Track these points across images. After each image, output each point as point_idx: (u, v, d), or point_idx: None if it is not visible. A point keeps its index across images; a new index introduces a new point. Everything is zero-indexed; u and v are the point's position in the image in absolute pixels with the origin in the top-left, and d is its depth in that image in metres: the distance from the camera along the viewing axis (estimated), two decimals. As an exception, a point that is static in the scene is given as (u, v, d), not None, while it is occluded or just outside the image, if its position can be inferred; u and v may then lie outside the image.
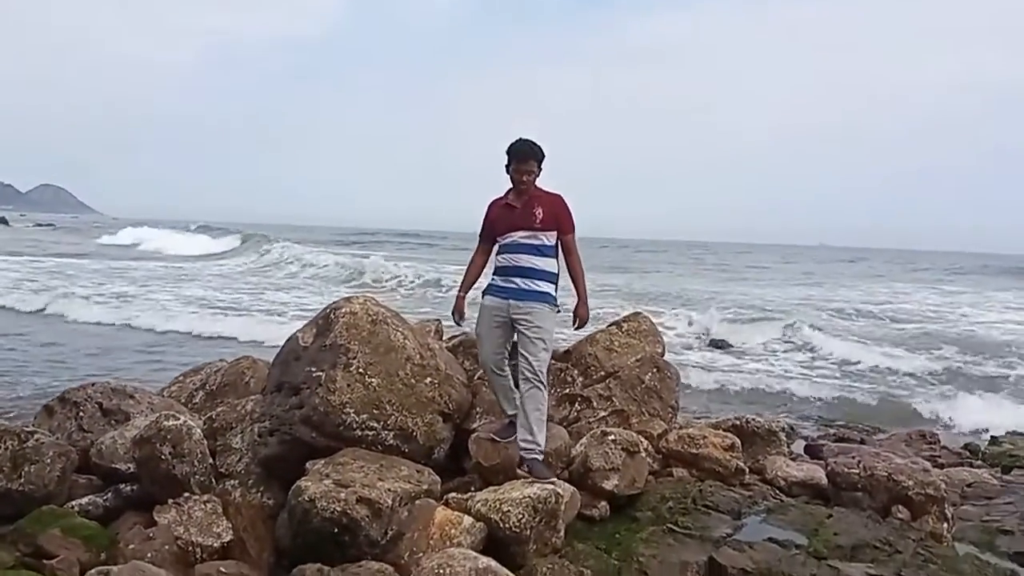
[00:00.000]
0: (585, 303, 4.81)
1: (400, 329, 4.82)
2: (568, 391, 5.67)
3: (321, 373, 4.46)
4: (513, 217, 4.71)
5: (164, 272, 26.98)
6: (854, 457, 5.06)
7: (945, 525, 4.65)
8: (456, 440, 4.88)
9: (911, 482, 4.68)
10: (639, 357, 5.80)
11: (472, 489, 4.48)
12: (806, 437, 7.72)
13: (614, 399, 5.53)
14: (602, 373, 5.73)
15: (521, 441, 4.52)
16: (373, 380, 4.50)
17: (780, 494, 5.03)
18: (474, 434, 4.80)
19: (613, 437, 4.67)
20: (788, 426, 6.66)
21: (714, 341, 14.45)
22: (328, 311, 4.84)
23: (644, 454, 4.83)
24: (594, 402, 5.54)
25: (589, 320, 4.87)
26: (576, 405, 5.59)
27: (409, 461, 4.42)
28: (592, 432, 4.84)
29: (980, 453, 7.72)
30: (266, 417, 4.68)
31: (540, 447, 4.50)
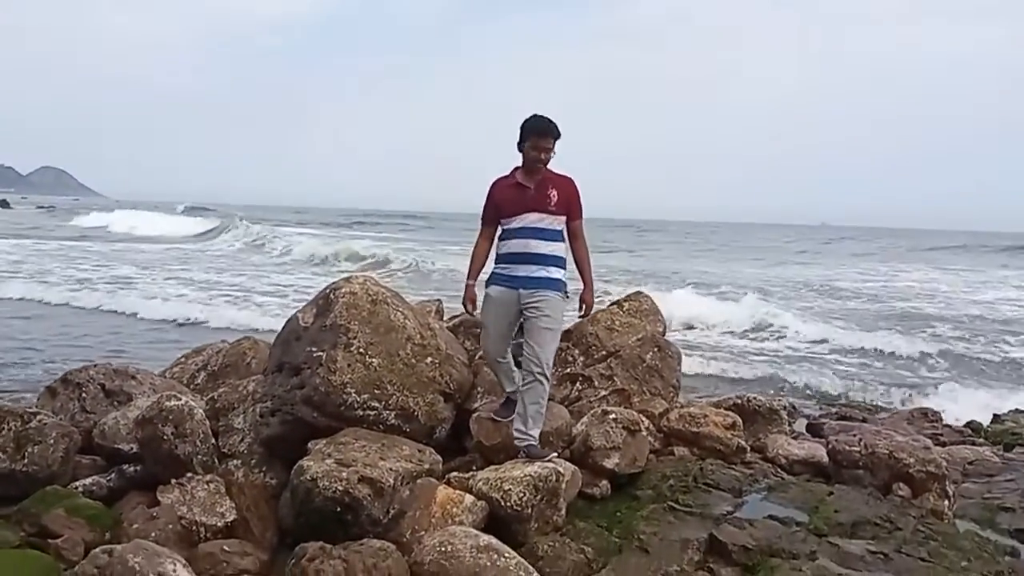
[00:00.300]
0: (592, 289, 4.76)
1: (400, 309, 4.82)
2: (569, 371, 5.68)
3: (322, 353, 4.46)
4: (525, 199, 4.49)
5: (115, 255, 27.00)
6: (855, 435, 5.06)
7: (946, 502, 4.65)
8: (457, 420, 4.88)
9: (912, 460, 4.69)
10: (640, 336, 5.79)
11: (473, 468, 4.50)
12: (808, 416, 7.72)
13: (615, 378, 5.52)
14: (603, 352, 5.73)
15: (515, 431, 4.44)
16: (374, 360, 4.50)
17: (781, 472, 5.04)
18: (475, 414, 4.81)
19: (614, 416, 4.66)
20: (790, 405, 6.67)
21: (685, 323, 14.28)
22: (328, 291, 4.83)
23: (645, 433, 4.83)
24: (595, 381, 5.54)
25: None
26: (577, 384, 5.60)
27: (410, 440, 4.42)
28: (593, 411, 4.83)
29: (982, 431, 7.72)
30: (268, 397, 4.68)
31: (534, 439, 4.41)
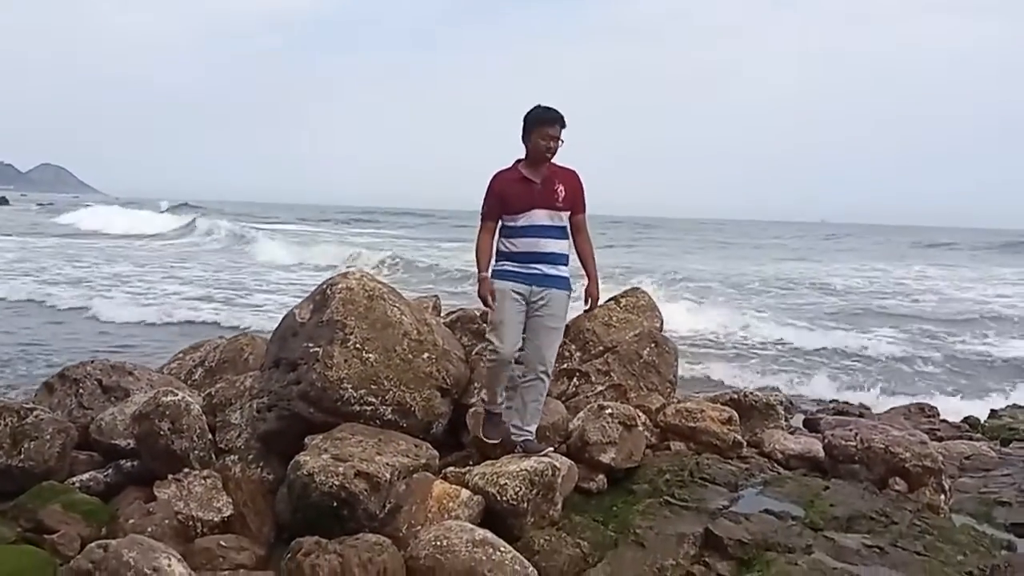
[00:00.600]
0: (597, 283, 4.75)
1: (397, 304, 4.82)
2: (566, 366, 5.67)
3: (318, 349, 4.46)
4: (532, 194, 4.34)
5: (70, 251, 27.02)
6: (851, 430, 5.07)
7: (942, 497, 4.66)
8: (454, 415, 4.88)
9: (908, 454, 4.69)
10: (637, 332, 5.79)
11: (470, 463, 4.50)
12: (805, 411, 7.74)
13: (612, 374, 5.52)
14: (600, 348, 5.72)
15: (512, 426, 4.47)
16: (370, 355, 4.50)
17: (777, 467, 5.04)
18: (472, 409, 4.81)
19: (610, 411, 4.67)
20: (787, 400, 6.67)
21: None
22: (325, 287, 4.83)
23: (641, 428, 4.83)
24: (592, 377, 5.53)
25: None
26: (574, 380, 5.59)
27: (407, 436, 4.43)
28: (590, 406, 4.83)
29: (979, 426, 7.74)
30: (264, 393, 4.69)
31: (531, 434, 4.44)
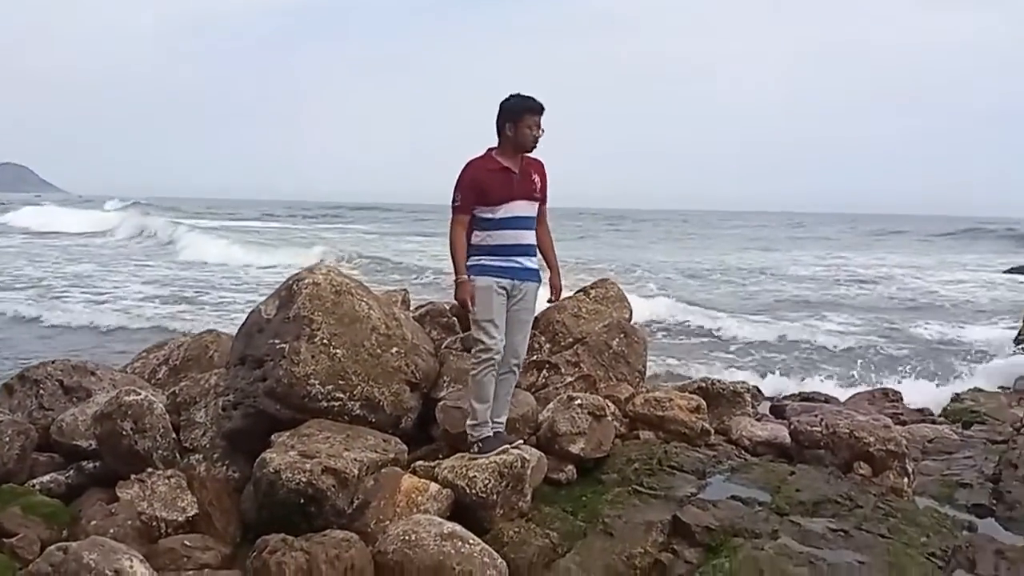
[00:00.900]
0: (559, 274, 4.72)
1: (365, 299, 4.78)
2: (536, 358, 5.67)
3: (285, 345, 4.42)
4: (513, 184, 4.19)
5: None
6: (817, 416, 5.13)
7: (906, 480, 4.73)
8: (424, 409, 4.87)
9: (872, 438, 4.75)
10: (607, 323, 5.81)
11: (440, 457, 4.48)
12: (771, 398, 7.82)
13: (582, 365, 5.54)
14: (570, 339, 5.74)
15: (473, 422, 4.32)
16: (338, 351, 4.46)
17: (744, 453, 5.09)
18: (441, 402, 4.79)
19: (579, 402, 4.68)
20: (754, 388, 6.74)
21: None
22: (291, 282, 4.78)
23: (611, 418, 4.85)
24: (562, 368, 5.54)
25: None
26: (544, 371, 5.59)
27: (376, 431, 4.41)
28: (559, 397, 4.85)
29: (943, 410, 7.87)
30: (230, 390, 4.63)
31: (501, 426, 4.35)
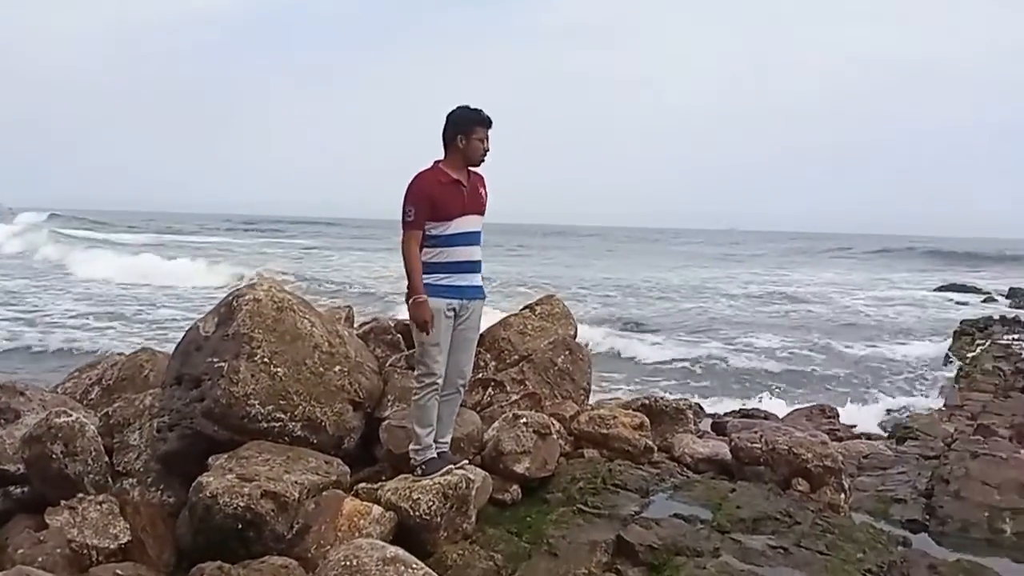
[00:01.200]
0: None
1: (307, 316, 4.70)
2: (481, 375, 5.65)
3: (223, 364, 4.32)
4: (465, 199, 4.11)
5: None
6: (757, 432, 5.23)
7: (842, 496, 4.84)
8: (367, 429, 4.80)
9: (810, 455, 4.86)
10: (552, 340, 5.83)
11: (383, 478, 4.42)
12: (713, 415, 7.94)
13: (527, 382, 5.53)
14: (516, 357, 5.74)
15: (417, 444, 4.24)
16: (279, 370, 4.38)
17: (687, 471, 5.15)
18: (385, 422, 4.73)
19: (525, 420, 4.67)
20: (696, 405, 6.83)
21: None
22: (231, 298, 4.68)
23: (556, 436, 4.85)
24: (507, 386, 5.53)
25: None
26: (489, 389, 5.57)
27: (318, 452, 4.33)
28: (504, 416, 4.83)
29: (877, 425, 8.12)
30: (165, 411, 4.50)
31: (446, 446, 4.30)
